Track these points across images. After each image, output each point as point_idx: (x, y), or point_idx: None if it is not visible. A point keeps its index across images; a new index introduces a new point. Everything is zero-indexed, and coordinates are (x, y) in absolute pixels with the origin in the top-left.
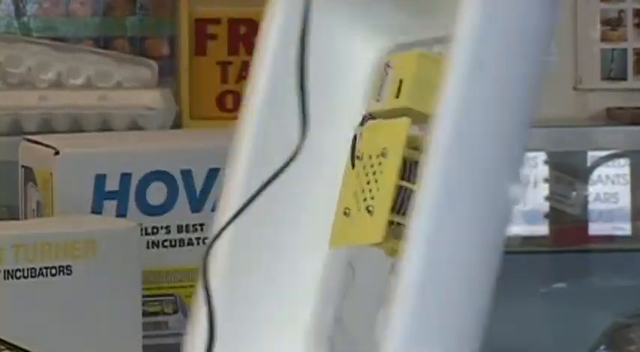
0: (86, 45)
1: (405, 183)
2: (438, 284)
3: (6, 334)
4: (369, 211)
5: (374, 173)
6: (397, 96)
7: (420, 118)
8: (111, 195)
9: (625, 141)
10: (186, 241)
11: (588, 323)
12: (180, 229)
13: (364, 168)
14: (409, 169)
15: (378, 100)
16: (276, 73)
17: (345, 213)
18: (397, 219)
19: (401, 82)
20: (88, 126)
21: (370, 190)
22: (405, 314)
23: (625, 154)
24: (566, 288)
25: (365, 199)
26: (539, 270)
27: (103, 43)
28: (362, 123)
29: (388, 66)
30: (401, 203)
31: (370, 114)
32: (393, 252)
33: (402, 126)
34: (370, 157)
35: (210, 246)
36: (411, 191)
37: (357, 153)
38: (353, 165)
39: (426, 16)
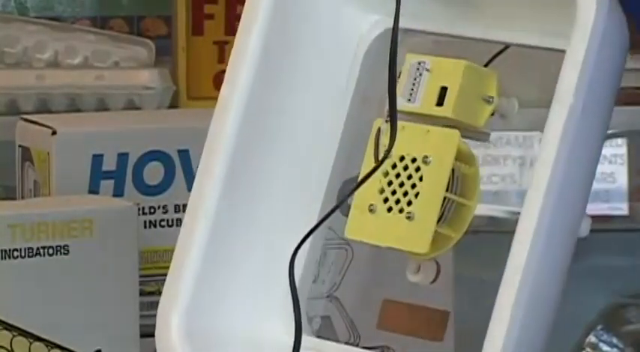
0: (83, 24)
1: (451, 196)
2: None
3: (3, 314)
4: (408, 217)
5: (409, 177)
6: (439, 104)
7: (461, 128)
8: (108, 175)
9: (622, 121)
10: (183, 221)
11: (585, 303)
12: (177, 209)
13: (394, 167)
14: (453, 180)
15: (409, 100)
16: (260, 65)
17: (370, 210)
18: (439, 229)
19: (443, 90)
20: (85, 105)
21: (405, 194)
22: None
23: (622, 134)
24: None
25: (397, 201)
26: None
27: (100, 22)
28: (387, 120)
29: (424, 67)
30: (443, 212)
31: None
32: (421, 255)
33: (452, 138)
34: (402, 159)
35: (296, 251)
36: (453, 202)
37: (382, 150)
38: (376, 160)
39: (458, 8)
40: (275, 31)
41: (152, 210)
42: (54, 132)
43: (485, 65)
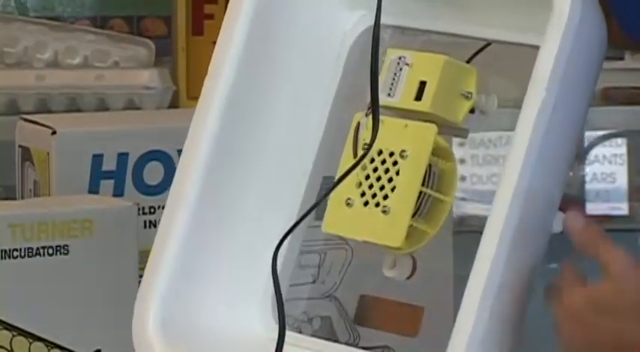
0: (83, 24)
1: (427, 190)
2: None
3: (3, 314)
4: (383, 211)
5: (386, 170)
6: (417, 98)
7: (439, 124)
8: (108, 175)
9: (622, 121)
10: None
11: None
12: None
13: (372, 161)
14: (429, 175)
15: (389, 95)
16: (243, 62)
17: (347, 204)
18: (414, 223)
19: (422, 84)
20: (85, 105)
21: (382, 188)
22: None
23: (622, 134)
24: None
25: (374, 195)
26: None
27: (100, 22)
28: (367, 114)
29: (404, 62)
30: (418, 207)
31: (369, 106)
32: (397, 249)
33: (428, 133)
34: (380, 153)
35: (278, 247)
36: (430, 196)
37: (361, 143)
38: (355, 154)
39: (440, 5)
40: (258, 26)
41: (152, 210)
42: (54, 132)
43: (467, 61)
